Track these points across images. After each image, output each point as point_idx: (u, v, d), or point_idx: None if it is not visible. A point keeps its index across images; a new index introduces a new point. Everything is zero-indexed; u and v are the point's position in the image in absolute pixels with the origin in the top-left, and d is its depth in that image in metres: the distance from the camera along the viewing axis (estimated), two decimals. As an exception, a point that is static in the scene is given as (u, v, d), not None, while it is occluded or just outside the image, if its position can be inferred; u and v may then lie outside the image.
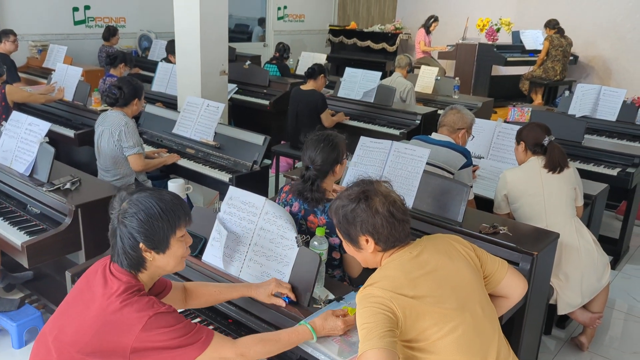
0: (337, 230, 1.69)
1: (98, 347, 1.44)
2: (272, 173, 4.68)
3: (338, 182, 2.98)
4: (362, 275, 2.37)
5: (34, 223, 2.74)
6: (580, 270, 2.81)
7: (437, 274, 1.57)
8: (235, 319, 1.95)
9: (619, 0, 7.65)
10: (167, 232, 1.52)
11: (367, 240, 1.60)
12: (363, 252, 1.65)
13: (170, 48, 5.97)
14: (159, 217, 1.50)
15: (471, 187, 2.97)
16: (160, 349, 1.44)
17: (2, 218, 2.77)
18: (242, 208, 2.05)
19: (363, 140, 3.01)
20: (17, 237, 2.57)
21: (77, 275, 2.26)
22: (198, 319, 2.01)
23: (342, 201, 1.63)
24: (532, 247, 2.34)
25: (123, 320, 1.44)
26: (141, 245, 1.51)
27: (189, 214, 1.60)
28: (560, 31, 7.12)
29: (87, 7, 7.59)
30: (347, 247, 1.69)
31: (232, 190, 2.11)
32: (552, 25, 7.19)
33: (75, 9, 7.49)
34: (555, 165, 2.86)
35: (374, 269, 1.67)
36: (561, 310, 2.89)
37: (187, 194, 2.88)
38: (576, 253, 2.80)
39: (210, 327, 1.97)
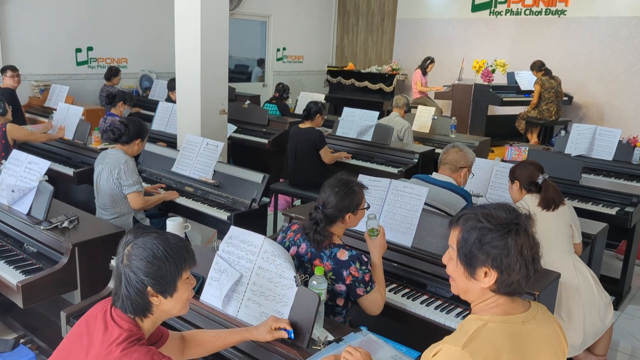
0: (455, 244, 1.42)
1: None
2: (270, 211, 4.67)
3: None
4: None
5: (30, 262, 2.72)
6: (581, 310, 2.78)
7: (546, 353, 1.37)
8: (232, 361, 1.91)
9: (610, 43, 7.83)
10: (174, 274, 1.50)
11: (486, 274, 1.36)
12: (472, 282, 1.39)
13: (171, 85, 6.07)
14: (165, 260, 1.48)
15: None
16: None
17: (-3, 257, 2.75)
18: (241, 247, 2.04)
19: (361, 178, 3.01)
20: (12, 277, 2.54)
21: (72, 316, 2.22)
22: (194, 361, 1.96)
23: (485, 222, 1.36)
24: (533, 287, 2.31)
25: None
26: (149, 289, 1.48)
27: (194, 256, 1.58)
28: (548, 72, 7.25)
29: (90, 48, 7.74)
30: (454, 269, 1.44)
31: (233, 230, 2.10)
32: (538, 67, 7.31)
33: (79, 50, 7.63)
34: (549, 203, 2.87)
35: None
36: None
37: (185, 232, 2.87)
38: (576, 291, 2.77)
39: (210, 371, 1.93)
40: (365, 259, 2.16)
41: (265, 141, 6.02)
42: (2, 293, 2.61)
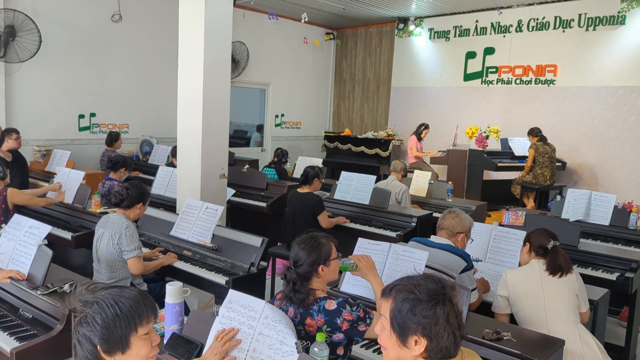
0: (388, 314, 1.51)
1: None
2: (268, 275, 4.63)
3: (336, 285, 2.97)
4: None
5: (24, 328, 2.66)
6: (588, 380, 2.71)
7: None
8: None
9: (599, 111, 8.08)
10: (126, 331, 1.45)
11: (416, 342, 1.46)
12: (404, 350, 1.48)
13: (174, 152, 6.18)
14: (116, 317, 1.43)
15: (473, 290, 2.95)
16: None
17: (-9, 323, 2.70)
18: (241, 312, 2.02)
19: (361, 242, 3.04)
20: (6, 343, 2.48)
21: (65, 385, 2.16)
22: None
23: (416, 293, 1.47)
24: (538, 355, 2.29)
25: None
26: (98, 347, 1.44)
27: (154, 310, 1.54)
28: (543, 139, 7.43)
29: (92, 115, 7.92)
30: (388, 338, 1.51)
31: (232, 294, 2.09)
32: (535, 133, 7.52)
33: (82, 116, 7.81)
34: (556, 269, 2.88)
35: None
36: None
37: (184, 298, 2.83)
38: (582, 360, 2.71)
39: None
40: (352, 300, 2.19)
41: (264, 205, 6.06)
42: (-6, 361, 2.55)
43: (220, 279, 3.53)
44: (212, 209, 3.99)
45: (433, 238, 3.20)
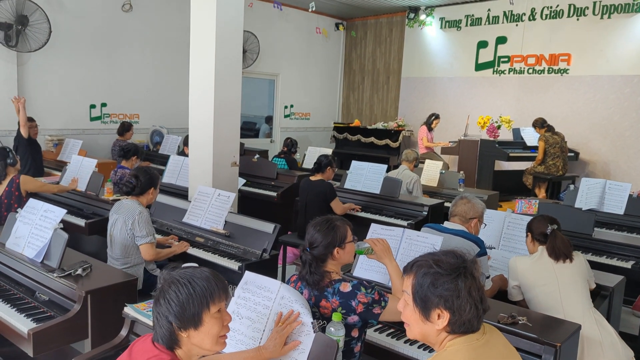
0: (410, 290, 1.53)
1: None
2: (279, 264, 4.64)
3: (349, 270, 2.96)
4: None
5: (41, 310, 2.68)
6: (605, 365, 2.69)
7: None
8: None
9: (614, 100, 7.98)
10: (198, 308, 1.53)
11: (439, 316, 1.47)
12: (427, 325, 1.50)
13: (186, 141, 6.19)
14: (189, 294, 1.52)
15: (488, 277, 2.94)
16: None
17: (9, 304, 2.72)
18: (257, 293, 2.02)
19: (374, 227, 3.03)
20: (23, 324, 2.51)
21: (82, 364, 2.18)
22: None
23: (436, 267, 1.49)
24: (554, 338, 2.27)
25: None
26: (173, 323, 1.52)
27: (225, 289, 1.61)
28: (551, 128, 7.34)
29: (103, 105, 7.96)
30: (411, 314, 1.53)
31: (248, 275, 2.09)
32: (540, 124, 7.43)
33: (93, 106, 7.84)
34: (557, 253, 2.85)
35: None
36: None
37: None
38: (599, 347, 2.69)
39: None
40: (367, 283, 2.19)
41: (274, 194, 6.06)
42: (12, 342, 2.57)
43: (233, 265, 3.54)
44: (224, 196, 3.99)
45: (446, 224, 3.18)
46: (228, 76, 4.57)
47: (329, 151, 7.40)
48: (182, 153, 6.55)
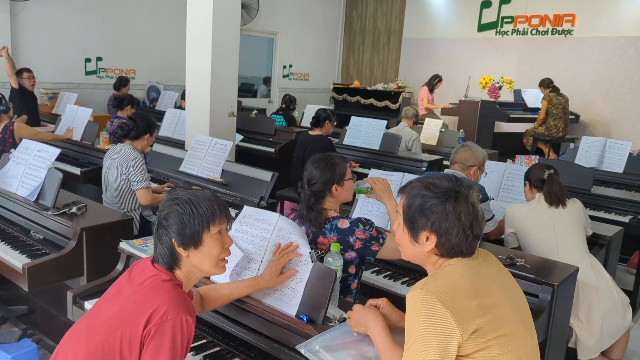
0: (401, 211, 1.52)
1: (118, 321, 1.42)
2: (277, 216, 4.62)
3: (347, 215, 2.94)
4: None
5: (36, 248, 2.67)
6: (600, 312, 2.70)
7: (499, 286, 1.46)
8: (243, 340, 1.84)
9: (617, 62, 7.87)
10: (198, 227, 1.52)
11: (427, 238, 1.46)
12: (416, 247, 1.49)
13: (184, 95, 6.10)
14: (189, 212, 1.52)
15: (492, 217, 2.93)
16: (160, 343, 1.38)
17: (4, 242, 2.70)
18: (255, 225, 1.99)
19: (373, 172, 3.00)
20: (18, 260, 2.49)
21: (79, 296, 2.17)
22: (204, 340, 1.90)
23: (427, 190, 1.46)
24: (552, 279, 2.27)
25: (155, 292, 1.45)
26: (173, 241, 1.52)
27: (226, 212, 1.60)
28: (556, 89, 7.26)
29: (99, 59, 7.81)
30: (402, 234, 1.53)
31: (246, 209, 2.06)
32: (546, 84, 7.34)
33: (88, 60, 7.70)
34: (553, 198, 2.84)
35: None
36: (582, 356, 2.76)
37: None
38: (594, 291, 2.70)
39: (217, 348, 1.87)
40: (365, 220, 2.16)
41: (272, 150, 6.00)
42: (8, 277, 2.56)
43: (231, 213, 3.51)
44: (221, 144, 3.94)
45: (446, 171, 3.15)
46: (226, 21, 4.45)
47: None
48: (180, 108, 6.45)
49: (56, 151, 2.91)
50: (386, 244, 2.15)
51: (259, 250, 1.94)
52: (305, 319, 1.73)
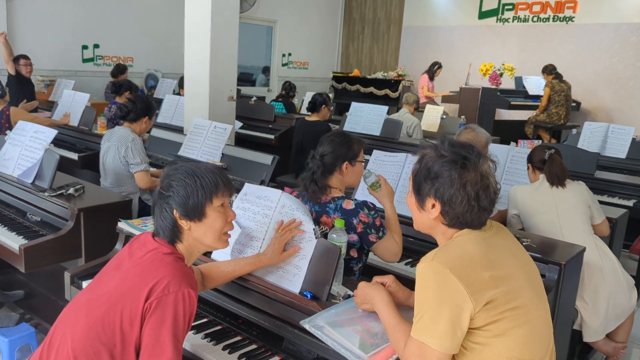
0: (411, 176, 1.50)
1: (119, 294, 1.38)
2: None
3: (350, 195, 2.89)
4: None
5: (33, 229, 2.62)
6: (606, 293, 2.67)
7: (513, 257, 1.41)
8: (245, 319, 1.80)
9: (619, 49, 7.81)
10: (201, 199, 1.48)
11: (433, 206, 1.42)
12: (423, 214, 1.46)
13: (182, 82, 6.04)
14: (192, 184, 1.47)
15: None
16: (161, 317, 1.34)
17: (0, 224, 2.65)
18: (257, 202, 1.95)
19: (376, 154, 2.96)
20: (14, 241, 2.45)
21: (76, 276, 2.13)
22: (205, 320, 1.86)
23: (436, 152, 1.42)
24: (558, 258, 2.23)
25: (157, 265, 1.41)
26: (175, 212, 1.47)
27: (229, 184, 1.55)
28: (559, 76, 7.20)
29: (96, 46, 7.73)
30: (410, 199, 1.50)
31: (247, 187, 2.02)
32: (549, 70, 7.28)
33: (85, 47, 7.62)
34: (554, 177, 2.80)
35: None
36: (587, 338, 2.73)
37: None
38: (600, 272, 2.66)
39: (219, 327, 1.83)
40: (372, 205, 2.10)
41: (272, 137, 5.95)
42: (5, 260, 2.51)
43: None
44: (220, 128, 3.89)
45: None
46: (226, 5, 4.38)
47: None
48: (178, 94, 6.39)
49: (53, 132, 2.86)
50: (383, 240, 2.09)
51: (261, 228, 1.90)
52: (309, 295, 1.69)
